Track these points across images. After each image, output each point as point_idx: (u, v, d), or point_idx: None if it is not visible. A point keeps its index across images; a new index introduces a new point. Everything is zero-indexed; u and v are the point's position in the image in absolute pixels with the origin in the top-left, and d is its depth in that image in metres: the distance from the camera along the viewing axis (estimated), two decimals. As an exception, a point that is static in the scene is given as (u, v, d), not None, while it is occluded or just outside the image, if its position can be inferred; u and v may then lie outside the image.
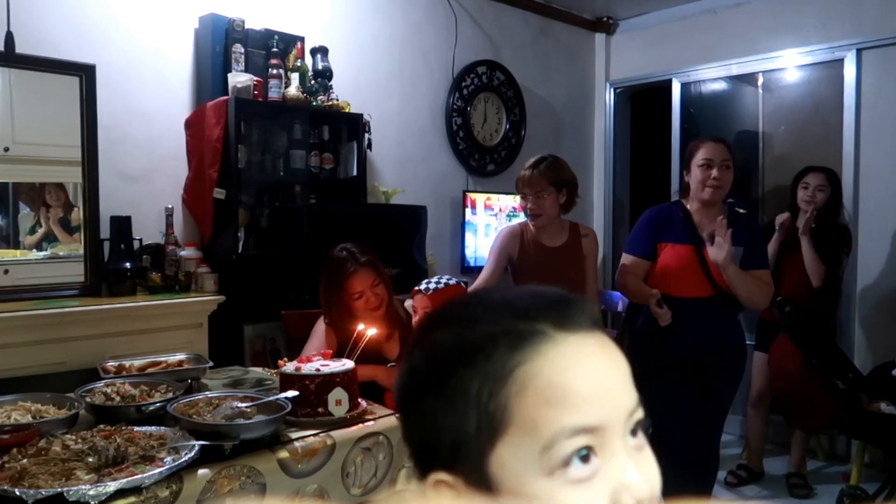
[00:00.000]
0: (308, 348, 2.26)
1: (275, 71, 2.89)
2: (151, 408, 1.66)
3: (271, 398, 1.68)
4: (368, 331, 1.98)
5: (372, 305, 2.23)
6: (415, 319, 2.16)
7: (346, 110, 3.13)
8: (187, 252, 2.73)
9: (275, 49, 2.92)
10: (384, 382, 2.15)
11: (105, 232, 2.57)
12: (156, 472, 1.30)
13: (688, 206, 2.50)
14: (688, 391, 2.46)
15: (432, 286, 2.13)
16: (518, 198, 2.66)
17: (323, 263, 2.30)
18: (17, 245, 2.52)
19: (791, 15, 3.95)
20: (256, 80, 2.82)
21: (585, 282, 2.61)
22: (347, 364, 1.80)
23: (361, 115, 3.17)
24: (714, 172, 2.38)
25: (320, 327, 2.31)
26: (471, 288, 2.61)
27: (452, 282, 2.19)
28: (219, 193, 2.74)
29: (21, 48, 2.38)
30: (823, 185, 3.28)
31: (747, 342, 2.60)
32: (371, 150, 3.29)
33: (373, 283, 2.24)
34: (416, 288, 2.16)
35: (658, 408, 2.52)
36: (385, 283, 2.29)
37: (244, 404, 1.63)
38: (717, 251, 2.29)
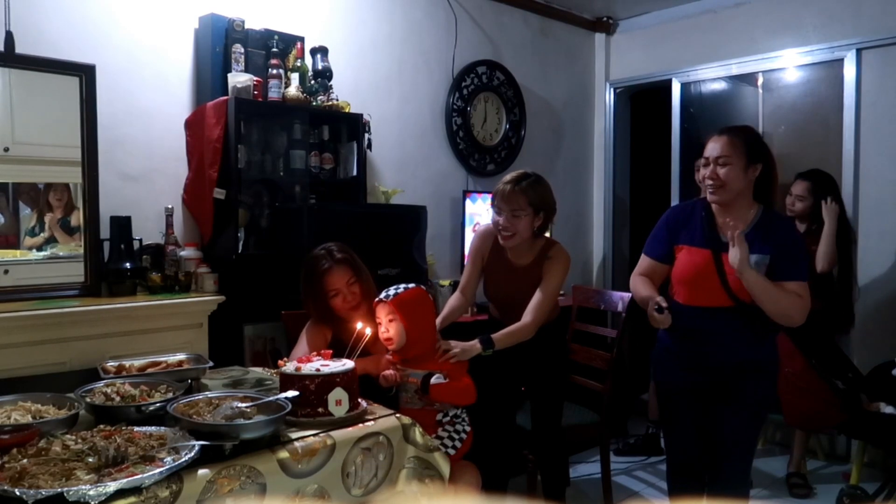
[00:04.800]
0: (295, 354, 2.26)
1: (275, 71, 2.89)
2: (151, 408, 1.66)
3: (271, 398, 1.68)
4: (367, 330, 1.98)
5: (350, 304, 2.24)
6: (381, 331, 2.14)
7: (346, 110, 3.13)
8: (187, 252, 2.73)
9: (275, 49, 2.92)
10: (374, 371, 2.15)
11: (105, 232, 2.57)
12: (156, 472, 1.30)
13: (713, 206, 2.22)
14: (700, 412, 2.25)
15: (392, 292, 2.12)
16: (491, 209, 2.45)
17: (303, 262, 2.32)
18: (17, 245, 2.52)
19: (791, 15, 3.95)
20: (256, 80, 2.82)
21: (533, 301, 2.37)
22: (347, 364, 1.80)
23: (361, 115, 3.17)
24: (707, 171, 2.14)
25: (306, 331, 2.32)
26: (457, 288, 2.60)
27: (411, 286, 2.17)
28: (219, 193, 2.74)
29: (21, 48, 2.38)
30: (803, 194, 3.30)
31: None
32: (371, 150, 3.29)
33: (349, 282, 2.25)
34: (376, 299, 2.15)
35: (668, 426, 2.38)
36: (362, 282, 2.28)
37: (244, 404, 1.63)
38: (732, 255, 2.03)
